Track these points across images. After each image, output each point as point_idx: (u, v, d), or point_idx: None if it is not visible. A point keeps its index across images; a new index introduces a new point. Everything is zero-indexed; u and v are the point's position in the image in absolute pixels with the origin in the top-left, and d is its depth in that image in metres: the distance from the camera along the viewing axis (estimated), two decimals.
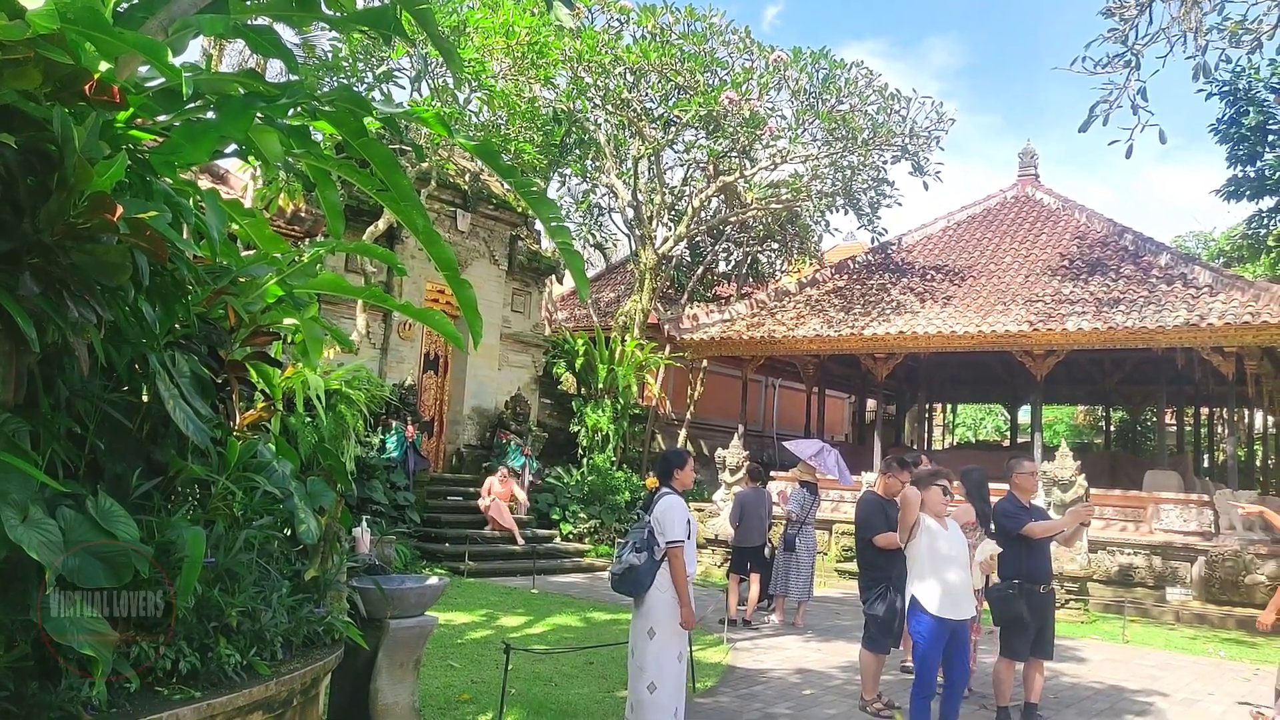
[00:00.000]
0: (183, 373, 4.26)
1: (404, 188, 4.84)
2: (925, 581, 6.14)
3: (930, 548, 6.16)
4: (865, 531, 7.43)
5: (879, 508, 7.41)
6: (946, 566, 6.13)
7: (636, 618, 6.04)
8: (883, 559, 7.31)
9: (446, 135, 5.67)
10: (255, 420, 4.99)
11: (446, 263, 4.99)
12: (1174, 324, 14.92)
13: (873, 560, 7.42)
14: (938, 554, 6.15)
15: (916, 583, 6.16)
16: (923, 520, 6.22)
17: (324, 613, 4.65)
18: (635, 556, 5.90)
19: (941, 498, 6.38)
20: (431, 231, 4.85)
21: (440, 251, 4.96)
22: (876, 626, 7.35)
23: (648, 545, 5.94)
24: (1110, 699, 8.23)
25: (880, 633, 7.36)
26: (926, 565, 6.14)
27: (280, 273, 4.97)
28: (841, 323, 18.36)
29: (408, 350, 16.82)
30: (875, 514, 7.36)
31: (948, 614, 6.08)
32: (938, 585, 6.12)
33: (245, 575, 4.14)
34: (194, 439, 4.07)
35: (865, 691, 7.43)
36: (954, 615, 6.10)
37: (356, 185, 4.83)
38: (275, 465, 4.78)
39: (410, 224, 4.82)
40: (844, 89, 17.11)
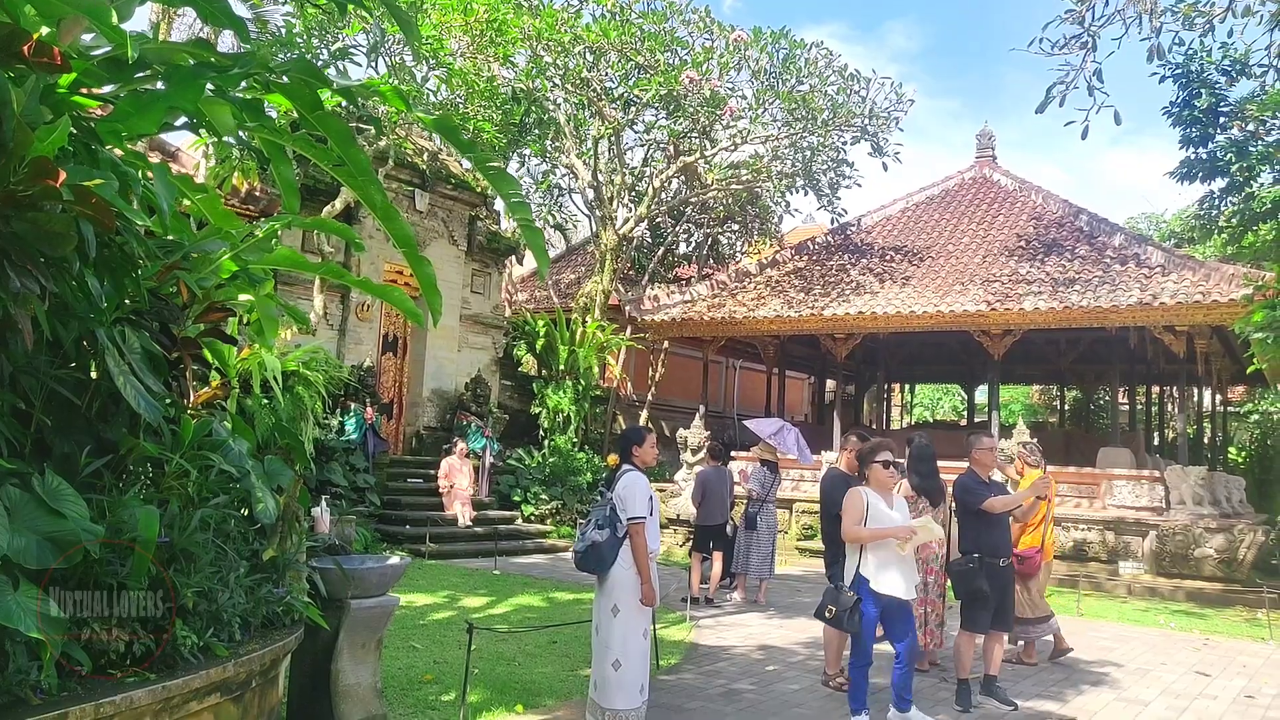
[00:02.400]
0: (133, 349, 4.16)
1: (361, 163, 4.76)
2: (866, 556, 6.22)
3: (873, 525, 6.22)
4: (830, 508, 7.39)
5: (842, 484, 7.40)
6: (887, 543, 6.20)
7: (600, 595, 6.03)
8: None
9: (404, 110, 5.59)
10: (210, 398, 4.89)
11: (405, 240, 4.91)
12: (1128, 304, 15.12)
13: (836, 536, 7.41)
14: None
15: (858, 556, 6.23)
16: (866, 498, 6.28)
17: (283, 593, 4.58)
18: (598, 533, 5.87)
19: (884, 473, 6.42)
20: (390, 208, 4.78)
21: (399, 228, 4.89)
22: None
23: (610, 522, 5.91)
24: (1066, 670, 8.36)
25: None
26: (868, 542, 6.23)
27: (234, 248, 4.85)
28: (801, 303, 18.41)
29: (366, 332, 16.64)
30: (839, 490, 7.33)
31: (884, 589, 6.13)
32: (875, 560, 6.20)
33: (201, 555, 4.06)
34: (146, 416, 3.98)
35: (828, 666, 7.48)
36: (892, 592, 6.13)
37: (312, 162, 4.74)
38: (231, 444, 4.69)
39: (368, 200, 4.73)
40: (804, 69, 17.11)
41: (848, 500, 6.36)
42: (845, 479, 7.50)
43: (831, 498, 7.38)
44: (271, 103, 4.57)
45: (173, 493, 4.30)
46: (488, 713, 6.29)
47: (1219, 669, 8.84)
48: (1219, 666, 8.96)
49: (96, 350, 4.04)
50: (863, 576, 6.18)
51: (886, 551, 6.19)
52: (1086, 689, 7.69)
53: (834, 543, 7.33)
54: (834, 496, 7.28)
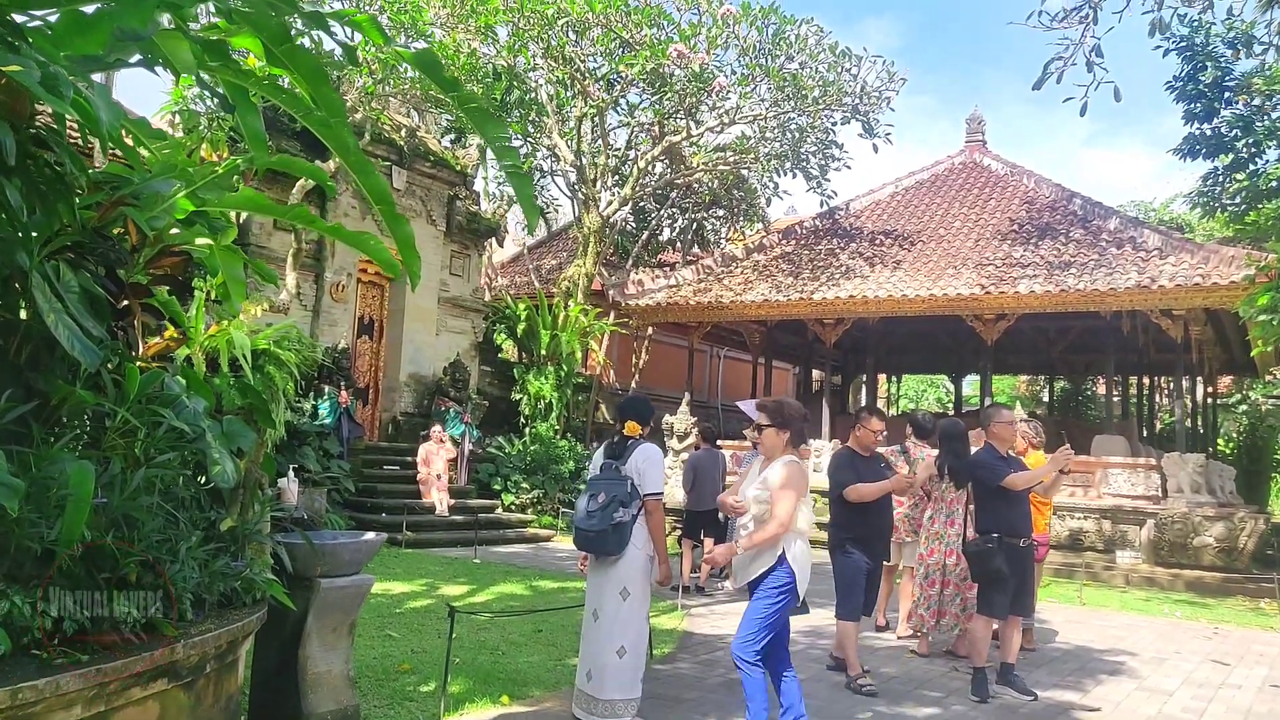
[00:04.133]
0: (70, 287, 3.63)
1: (334, 104, 4.24)
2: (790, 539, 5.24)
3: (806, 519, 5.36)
4: (836, 487, 6.86)
5: (849, 461, 6.92)
6: None
7: (604, 578, 5.52)
8: (853, 516, 6.79)
9: (382, 44, 5.05)
10: (162, 350, 4.34)
11: (381, 195, 4.42)
12: (1125, 286, 14.77)
13: (832, 517, 6.93)
14: None
15: None
16: None
17: (242, 567, 4.06)
18: (622, 512, 5.36)
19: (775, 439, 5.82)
20: (364, 160, 4.29)
21: (374, 182, 4.39)
22: (843, 587, 6.80)
23: (631, 499, 5.42)
24: (1080, 659, 7.94)
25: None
26: None
27: (190, 185, 4.31)
28: (790, 287, 17.98)
29: (341, 313, 16.05)
30: (845, 468, 6.86)
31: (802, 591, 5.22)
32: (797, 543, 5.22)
33: (146, 521, 3.53)
34: (82, 361, 3.45)
35: (850, 669, 6.66)
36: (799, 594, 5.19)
37: (282, 139, 4.22)
38: (186, 400, 4.15)
39: (340, 146, 4.22)
40: (794, 45, 16.63)
41: None
42: (853, 456, 7.00)
43: (837, 476, 6.86)
44: (236, 46, 4.07)
45: (115, 451, 3.77)
46: (470, 704, 5.78)
47: (1236, 658, 8.45)
48: (1235, 656, 8.57)
49: (26, 288, 3.52)
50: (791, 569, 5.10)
51: None
52: (1105, 678, 7.27)
53: (839, 524, 6.79)
54: (839, 476, 6.80)
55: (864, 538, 6.70)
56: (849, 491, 6.65)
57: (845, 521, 6.75)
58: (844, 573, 6.73)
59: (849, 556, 6.69)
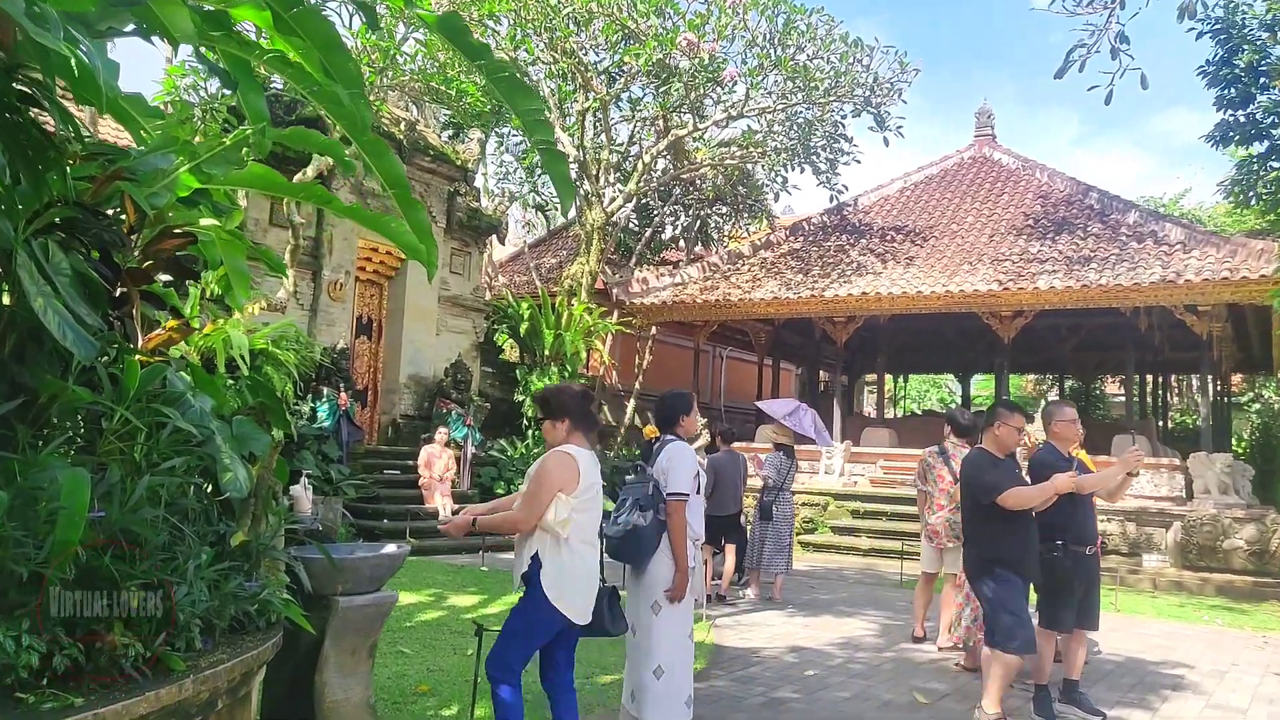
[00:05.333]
0: (61, 269, 3.15)
1: (350, 74, 3.79)
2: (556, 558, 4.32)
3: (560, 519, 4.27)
4: (985, 494, 5.55)
5: (991, 463, 5.70)
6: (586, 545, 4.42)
7: (636, 590, 5.08)
8: (1002, 530, 5.56)
9: (403, 6, 4.59)
10: (164, 342, 3.86)
11: (395, 179, 3.99)
12: (1150, 281, 14.37)
13: (976, 533, 5.75)
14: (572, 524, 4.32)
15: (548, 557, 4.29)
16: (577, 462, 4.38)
17: (257, 587, 3.57)
18: (639, 516, 4.91)
19: None
20: (378, 141, 3.86)
21: (388, 165, 3.96)
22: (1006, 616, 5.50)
23: (653, 503, 4.96)
24: (1135, 673, 7.49)
25: (1015, 624, 5.51)
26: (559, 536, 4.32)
27: (195, 158, 3.82)
28: (800, 285, 17.53)
29: (339, 312, 15.53)
30: (988, 469, 5.65)
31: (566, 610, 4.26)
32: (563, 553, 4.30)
33: (150, 537, 3.05)
34: (75, 353, 2.97)
35: (987, 702, 5.64)
36: (573, 615, 4.29)
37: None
38: (191, 399, 3.67)
39: (353, 125, 3.78)
40: (804, 35, 16.17)
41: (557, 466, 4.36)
42: (993, 460, 5.77)
43: (980, 482, 5.67)
44: (238, 18, 3.63)
45: (113, 456, 3.29)
46: None
47: None
48: None
49: (10, 269, 3.04)
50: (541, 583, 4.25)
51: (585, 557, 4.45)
52: (1169, 694, 6.82)
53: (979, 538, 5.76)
54: (983, 481, 5.66)
55: (1017, 557, 5.54)
56: (1009, 497, 5.42)
57: (992, 537, 5.57)
58: (1003, 602, 5.48)
59: (1006, 583, 5.50)
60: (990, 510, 5.52)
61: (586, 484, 4.29)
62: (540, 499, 4.22)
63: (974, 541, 5.78)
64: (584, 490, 4.27)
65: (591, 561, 4.38)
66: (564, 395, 4.52)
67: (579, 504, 4.26)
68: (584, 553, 4.32)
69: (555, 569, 4.22)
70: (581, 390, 4.63)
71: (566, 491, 4.24)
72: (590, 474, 4.34)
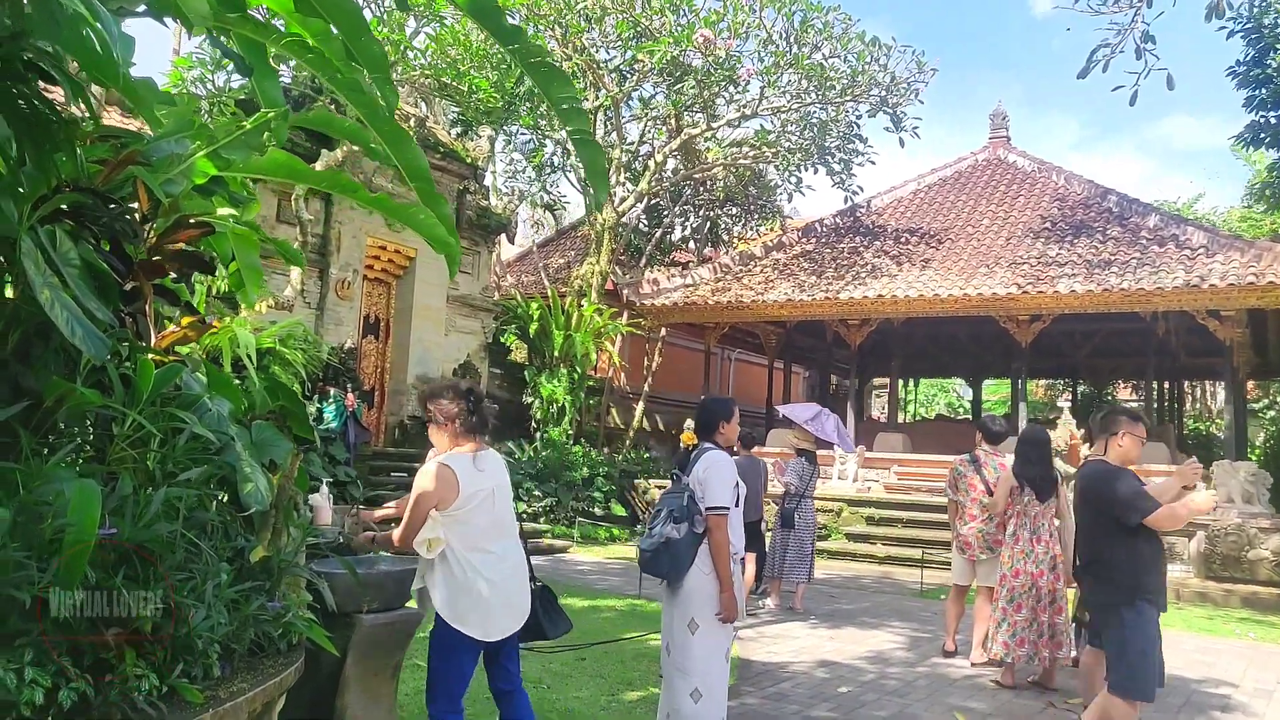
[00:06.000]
0: (69, 260, 2.87)
1: (376, 56, 3.55)
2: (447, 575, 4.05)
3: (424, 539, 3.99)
4: (1133, 513, 4.82)
5: (1126, 479, 4.98)
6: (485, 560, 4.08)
7: (672, 606, 4.80)
8: (1145, 551, 4.90)
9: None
10: (179, 340, 3.58)
11: (418, 171, 3.74)
12: (1173, 286, 14.08)
13: (1113, 557, 4.95)
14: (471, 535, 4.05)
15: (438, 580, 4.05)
16: None
17: (280, 608, 3.29)
18: (673, 528, 4.63)
19: None
20: (399, 130, 3.60)
21: (410, 156, 3.71)
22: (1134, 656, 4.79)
23: (688, 514, 4.67)
24: (1181, 692, 7.18)
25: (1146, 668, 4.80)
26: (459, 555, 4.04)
27: (212, 143, 3.54)
28: (814, 287, 17.24)
29: (346, 311, 15.25)
30: (1119, 481, 4.96)
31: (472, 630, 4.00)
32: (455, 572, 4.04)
33: (166, 556, 2.77)
34: (85, 351, 2.69)
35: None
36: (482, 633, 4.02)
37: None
38: (208, 403, 3.39)
39: (373, 114, 3.53)
40: (821, 32, 15.89)
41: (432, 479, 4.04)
42: (1118, 473, 5.10)
43: (1114, 499, 4.99)
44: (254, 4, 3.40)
45: (124, 465, 3.01)
46: None
47: None
48: None
49: (14, 259, 2.77)
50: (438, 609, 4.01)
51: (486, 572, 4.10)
52: (1219, 715, 6.53)
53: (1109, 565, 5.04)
54: (1118, 495, 4.97)
55: (1159, 586, 4.91)
56: (1162, 516, 4.75)
57: (1131, 562, 4.85)
58: (1134, 638, 4.77)
59: (1143, 615, 4.80)
60: (1134, 531, 4.81)
61: (469, 494, 4.01)
62: (414, 521, 3.98)
63: (1108, 568, 4.94)
64: (465, 501, 3.99)
65: (494, 571, 4.04)
66: (443, 398, 4.24)
67: (461, 515, 3.98)
68: (478, 563, 4.00)
69: (446, 589, 3.97)
70: (465, 389, 4.32)
71: (441, 508, 3.97)
72: (474, 482, 4.05)
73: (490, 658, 4.24)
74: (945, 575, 13.46)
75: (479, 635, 4.01)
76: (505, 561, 4.16)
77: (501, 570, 4.11)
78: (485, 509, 4.09)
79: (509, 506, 4.31)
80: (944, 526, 15.05)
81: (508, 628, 4.12)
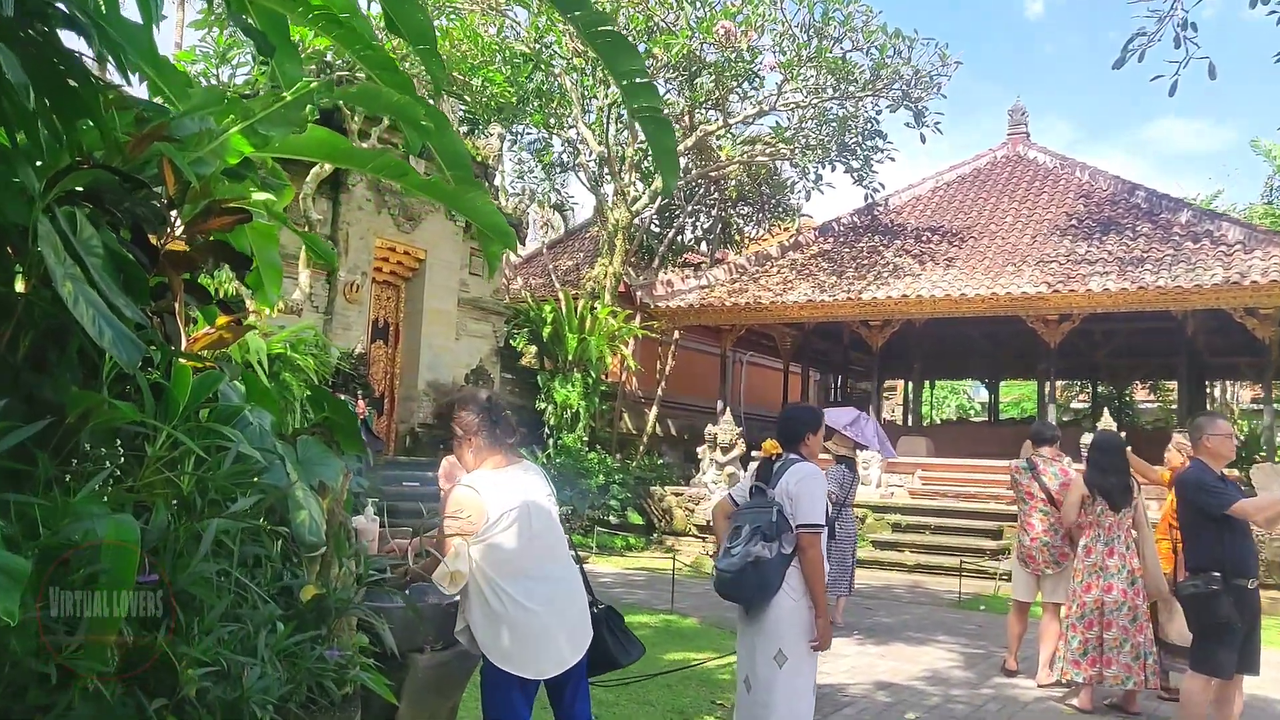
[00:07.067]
0: (92, 248, 2.37)
1: (419, 26, 3.15)
2: None
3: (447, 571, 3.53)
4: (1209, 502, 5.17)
5: (1200, 473, 5.33)
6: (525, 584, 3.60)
7: (754, 636, 4.32)
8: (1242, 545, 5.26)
9: None
10: (215, 342, 3.08)
11: (455, 158, 3.34)
12: (1212, 283, 13.64)
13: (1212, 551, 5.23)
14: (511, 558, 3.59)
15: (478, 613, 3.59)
16: None
17: (340, 657, 2.81)
18: (763, 547, 4.15)
19: None
20: (439, 114, 3.25)
21: (449, 142, 3.30)
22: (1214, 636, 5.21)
23: (778, 532, 4.21)
24: (1269, 713, 6.73)
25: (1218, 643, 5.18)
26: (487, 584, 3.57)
27: (246, 117, 3.06)
28: (835, 287, 16.78)
29: (355, 315, 14.76)
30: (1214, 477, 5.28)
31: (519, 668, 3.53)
32: None
33: (213, 603, 2.30)
34: (116, 355, 2.20)
35: None
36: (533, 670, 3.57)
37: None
38: (248, 415, 2.91)
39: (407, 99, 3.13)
40: (843, 24, 15.43)
41: None
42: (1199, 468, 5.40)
43: (1185, 490, 5.41)
44: None
45: (157, 491, 2.52)
46: None
47: None
48: None
49: (26, 244, 2.29)
50: None
51: None
52: None
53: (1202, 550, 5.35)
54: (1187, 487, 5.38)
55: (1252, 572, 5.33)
56: (1248, 505, 5.10)
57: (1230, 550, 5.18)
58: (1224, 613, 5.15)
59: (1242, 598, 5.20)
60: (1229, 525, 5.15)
61: (497, 514, 3.54)
62: (455, 547, 3.54)
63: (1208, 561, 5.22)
64: (495, 524, 3.54)
65: (537, 598, 3.54)
66: (465, 408, 3.77)
67: (492, 539, 3.53)
68: (517, 591, 3.52)
69: (485, 623, 3.52)
70: (485, 397, 3.87)
71: (468, 533, 3.52)
72: (502, 500, 3.58)
73: (554, 696, 3.76)
74: (981, 585, 13.06)
75: (529, 673, 3.53)
76: (552, 585, 3.67)
77: (548, 596, 3.62)
78: (519, 529, 3.61)
79: (551, 523, 3.80)
80: (975, 534, 14.64)
81: (564, 660, 3.63)
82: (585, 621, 3.73)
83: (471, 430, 3.70)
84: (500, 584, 3.51)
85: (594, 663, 3.78)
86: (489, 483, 3.62)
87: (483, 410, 3.73)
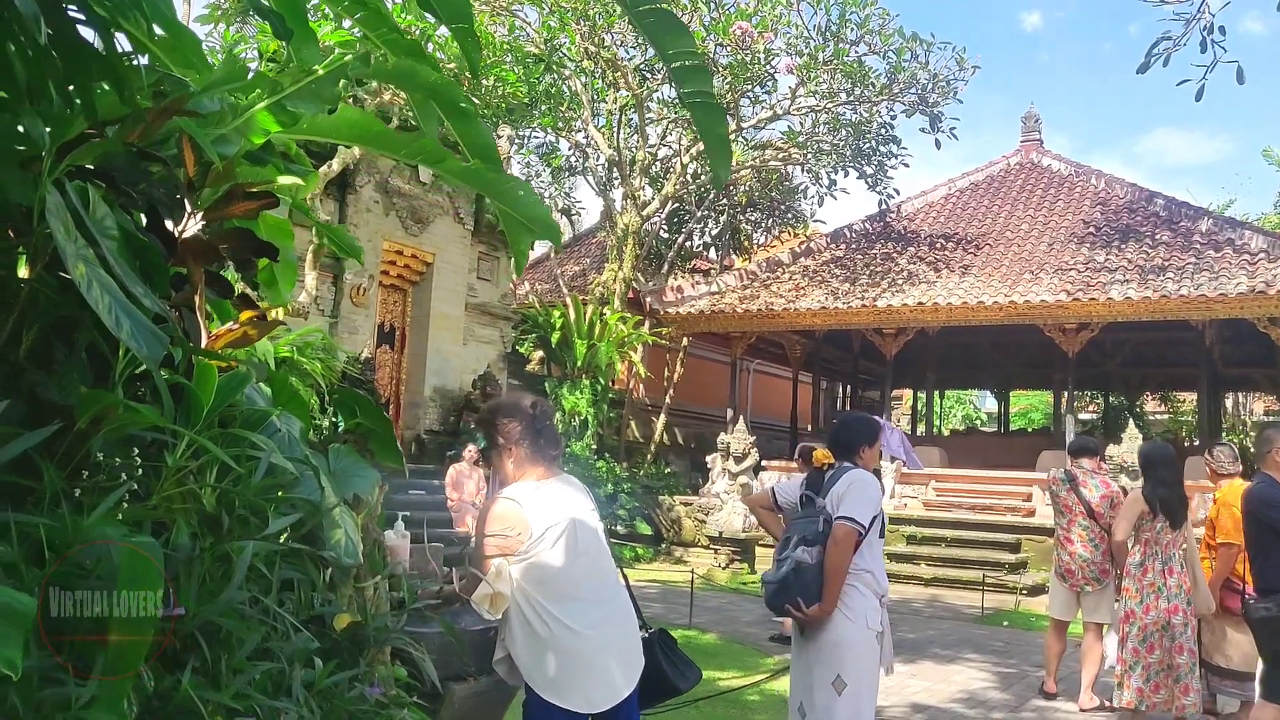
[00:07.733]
0: (106, 230, 2.06)
1: (456, 4, 2.83)
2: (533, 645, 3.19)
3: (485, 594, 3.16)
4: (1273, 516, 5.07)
5: (1268, 486, 5.20)
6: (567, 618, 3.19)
7: (810, 660, 4.04)
8: None
9: None
10: (239, 340, 2.77)
11: (484, 150, 3.02)
12: (1236, 292, 13.37)
13: None
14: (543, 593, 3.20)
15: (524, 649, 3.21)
16: None
17: (381, 694, 2.50)
18: (805, 552, 3.89)
19: None
20: (470, 103, 2.89)
21: (476, 133, 2.96)
22: None
23: (822, 539, 3.94)
24: None
25: None
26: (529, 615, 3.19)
27: (275, 91, 2.76)
28: (849, 294, 16.51)
29: (362, 319, 14.44)
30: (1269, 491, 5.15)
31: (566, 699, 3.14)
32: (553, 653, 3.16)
33: (245, 637, 1.99)
34: (136, 350, 1.88)
35: None
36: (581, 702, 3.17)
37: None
38: (276, 421, 2.61)
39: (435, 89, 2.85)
40: (860, 27, 15.18)
41: None
42: (1266, 480, 5.25)
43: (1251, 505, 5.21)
44: None
45: (176, 507, 2.20)
46: None
47: None
48: None
49: (29, 225, 2.00)
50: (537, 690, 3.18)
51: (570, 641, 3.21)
52: None
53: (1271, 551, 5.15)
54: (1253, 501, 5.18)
55: None
56: None
57: None
58: None
59: None
60: None
61: (540, 530, 3.18)
62: (482, 570, 3.19)
63: None
64: (539, 541, 3.17)
65: (586, 622, 3.19)
66: (508, 416, 3.39)
67: (535, 557, 3.17)
68: (564, 614, 3.15)
69: (529, 651, 3.16)
70: (530, 404, 3.48)
71: (511, 550, 3.18)
72: (546, 515, 3.21)
73: None
74: (1001, 600, 12.76)
75: (578, 705, 3.16)
76: (603, 608, 3.30)
77: (598, 620, 3.26)
78: (566, 546, 3.25)
79: (598, 541, 3.44)
80: (992, 547, 14.33)
81: (618, 691, 3.26)
82: (638, 647, 3.40)
83: (514, 440, 3.36)
84: (546, 606, 3.16)
85: (651, 691, 3.44)
86: (532, 496, 3.29)
87: (527, 419, 3.39)
